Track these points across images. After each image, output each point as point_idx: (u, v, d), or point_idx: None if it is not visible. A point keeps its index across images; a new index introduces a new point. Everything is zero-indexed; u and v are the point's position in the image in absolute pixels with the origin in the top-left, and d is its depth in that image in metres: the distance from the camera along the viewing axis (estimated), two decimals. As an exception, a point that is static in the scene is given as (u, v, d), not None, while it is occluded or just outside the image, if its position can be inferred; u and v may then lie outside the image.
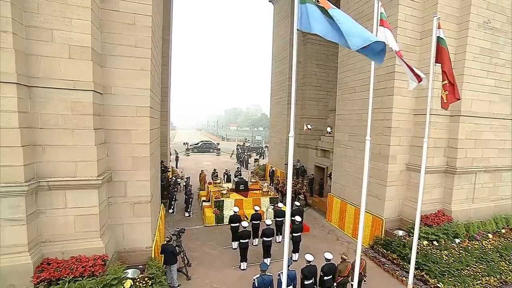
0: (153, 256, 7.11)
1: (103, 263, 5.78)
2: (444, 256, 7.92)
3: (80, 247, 5.83)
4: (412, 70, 4.77)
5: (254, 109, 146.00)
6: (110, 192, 6.72)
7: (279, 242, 10.94)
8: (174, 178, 17.13)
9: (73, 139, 5.68)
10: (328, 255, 6.88)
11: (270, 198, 13.92)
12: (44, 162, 5.50)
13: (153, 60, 7.22)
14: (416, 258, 8.22)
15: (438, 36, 5.25)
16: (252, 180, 16.69)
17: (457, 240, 8.83)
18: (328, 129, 17.08)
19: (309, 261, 6.69)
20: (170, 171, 17.70)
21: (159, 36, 8.67)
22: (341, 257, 7.12)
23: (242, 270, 8.82)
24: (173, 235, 8.11)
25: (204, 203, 14.24)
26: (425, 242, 8.65)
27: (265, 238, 8.97)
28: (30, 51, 5.24)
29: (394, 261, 8.95)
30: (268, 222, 9.16)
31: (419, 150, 10.22)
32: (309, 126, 20.08)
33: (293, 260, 9.51)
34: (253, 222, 10.44)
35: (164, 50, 15.91)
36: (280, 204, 11.70)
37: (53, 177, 5.56)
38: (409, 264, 8.36)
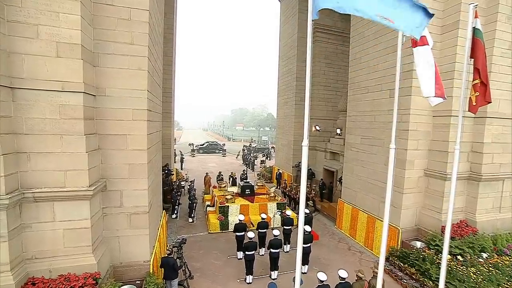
0: (151, 271, 6.57)
1: (94, 282, 5.24)
2: (471, 273, 7.14)
3: (70, 264, 5.31)
4: (438, 79, 4.09)
5: (260, 109, 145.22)
6: (105, 202, 6.20)
7: (287, 251, 10.31)
8: (178, 182, 16.65)
9: (62, 145, 5.16)
10: (343, 273, 6.22)
11: (277, 203, 13.28)
12: (29, 171, 5.00)
13: (151, 58, 6.68)
14: (439, 275, 7.51)
15: (474, 27, 4.52)
16: (259, 184, 16.07)
17: (484, 255, 8.02)
18: (338, 131, 16.35)
19: (322, 281, 6.05)
20: (173, 174, 17.23)
21: (159, 33, 8.13)
22: (357, 275, 6.45)
23: (248, 283, 8.22)
24: (173, 246, 7.57)
25: (208, 208, 13.69)
26: (448, 257, 7.86)
27: (272, 250, 8.35)
28: (13, 49, 4.73)
29: (413, 276, 8.22)
30: (276, 232, 8.53)
31: (439, 154, 9.48)
32: (317, 127, 19.39)
33: (302, 273, 8.87)
34: (259, 231, 9.84)
35: (167, 49, 15.46)
36: (288, 212, 11.06)
37: (40, 187, 5.05)
38: (431, 280, 7.65)
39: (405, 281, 8.19)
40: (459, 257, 7.87)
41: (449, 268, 7.42)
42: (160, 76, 8.94)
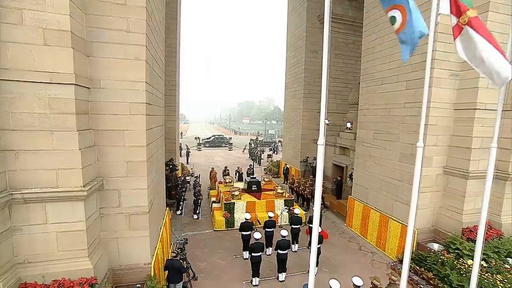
0: (152, 274, 6.22)
1: (90, 288, 4.91)
2: (497, 281, 6.56)
3: (65, 269, 4.97)
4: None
5: (267, 102, 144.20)
6: (102, 202, 5.83)
7: (295, 251, 9.88)
8: (183, 177, 16.34)
9: (53, 142, 4.76)
10: (357, 281, 5.74)
11: (284, 200, 12.82)
12: (18, 170, 4.63)
13: (150, 48, 6.18)
14: (461, 282, 6.96)
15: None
16: (266, 179, 15.62)
17: (510, 261, 7.41)
18: (348, 125, 15.67)
19: (335, 289, 5.57)
20: (178, 169, 16.90)
21: (159, 21, 7.60)
22: (372, 282, 5.97)
23: (254, 286, 7.85)
24: (178, 248, 7.21)
25: (214, 205, 13.34)
26: (470, 262, 7.31)
27: (280, 251, 7.92)
28: (-5, 36, 4.30)
29: (431, 281, 7.69)
30: (284, 233, 8.07)
31: (460, 151, 8.79)
32: (326, 121, 18.75)
33: (312, 275, 8.46)
34: (266, 230, 9.42)
35: (170, 40, 14.92)
36: (296, 210, 10.59)
37: (30, 188, 4.68)
38: (451, 287, 7.12)
39: (421, 286, 7.68)
40: (483, 262, 7.28)
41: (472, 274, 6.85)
42: (161, 68, 8.45)
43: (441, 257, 7.82)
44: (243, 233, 9.15)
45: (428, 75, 3.85)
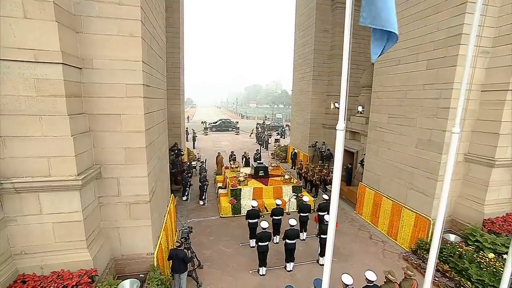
0: (155, 264, 6.01)
1: (90, 280, 4.70)
2: (522, 277, 6.12)
3: (63, 260, 4.77)
4: None
5: (274, 85, 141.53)
6: (101, 191, 5.53)
7: (303, 239, 9.61)
8: (189, 162, 16.09)
9: (42, 128, 4.39)
10: (371, 276, 5.39)
11: (292, 186, 12.46)
12: (6, 158, 4.31)
13: (147, 23, 5.62)
14: (481, 276, 6.54)
15: None
16: (273, 165, 15.23)
17: (536, 255, 6.92)
18: (360, 108, 14.91)
19: (347, 285, 5.24)
20: (184, 154, 16.63)
21: (157, -6, 6.95)
22: (386, 276, 5.61)
23: (261, 275, 7.64)
24: (182, 238, 6.97)
25: (220, 190, 13.10)
26: (492, 255, 6.85)
27: (288, 241, 7.63)
28: (-31, 8, 3.83)
29: (447, 273, 7.31)
30: (292, 222, 7.73)
31: (486, 137, 8.09)
32: (336, 105, 17.91)
33: (320, 265, 8.21)
34: (274, 217, 9.13)
35: (173, 20, 14.19)
36: (305, 197, 10.22)
37: (21, 177, 4.38)
38: (470, 281, 6.73)
39: (437, 278, 7.30)
40: (505, 256, 6.82)
41: (494, 270, 6.42)
42: (162, 47, 7.88)
43: (459, 249, 7.38)
44: (249, 221, 8.87)
45: (471, 52, 3.21)
